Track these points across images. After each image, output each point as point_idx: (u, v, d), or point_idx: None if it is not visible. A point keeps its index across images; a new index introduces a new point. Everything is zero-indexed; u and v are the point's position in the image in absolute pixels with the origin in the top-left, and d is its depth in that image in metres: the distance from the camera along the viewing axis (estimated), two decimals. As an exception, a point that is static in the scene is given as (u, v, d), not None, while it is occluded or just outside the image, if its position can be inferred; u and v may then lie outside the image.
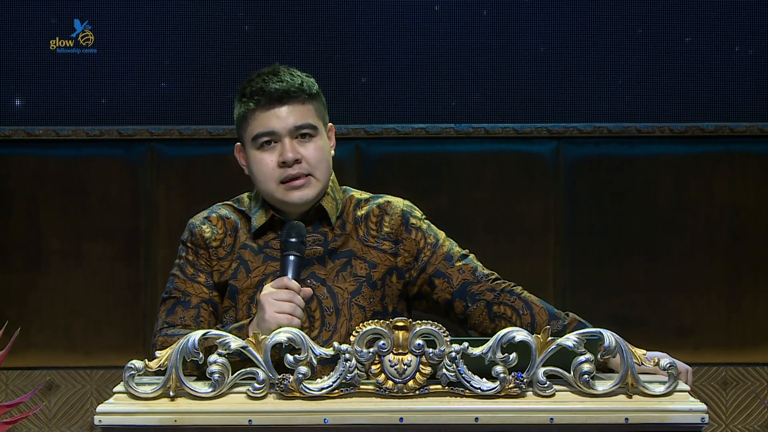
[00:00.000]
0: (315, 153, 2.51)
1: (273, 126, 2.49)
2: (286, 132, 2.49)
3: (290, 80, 2.52)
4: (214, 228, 2.55)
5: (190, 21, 4.17)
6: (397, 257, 2.56)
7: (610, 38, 4.20)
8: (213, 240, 2.54)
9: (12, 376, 4.18)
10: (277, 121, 2.49)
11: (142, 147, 4.20)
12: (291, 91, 2.50)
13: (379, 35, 4.19)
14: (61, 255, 4.19)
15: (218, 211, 2.59)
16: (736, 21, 4.19)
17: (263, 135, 2.50)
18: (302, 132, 2.50)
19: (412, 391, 2.00)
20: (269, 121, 2.49)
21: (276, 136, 2.50)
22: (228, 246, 2.54)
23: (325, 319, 2.50)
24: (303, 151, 2.50)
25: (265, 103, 2.50)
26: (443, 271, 2.55)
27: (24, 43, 4.15)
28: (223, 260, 2.54)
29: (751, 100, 4.21)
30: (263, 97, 2.50)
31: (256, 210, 2.57)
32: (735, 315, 4.23)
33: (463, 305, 2.54)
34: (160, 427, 1.99)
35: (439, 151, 4.22)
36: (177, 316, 2.51)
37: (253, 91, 2.51)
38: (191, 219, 2.60)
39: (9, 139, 4.16)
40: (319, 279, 2.52)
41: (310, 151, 2.50)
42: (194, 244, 2.55)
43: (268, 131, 2.49)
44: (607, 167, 4.23)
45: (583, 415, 1.99)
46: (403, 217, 2.57)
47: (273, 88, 2.50)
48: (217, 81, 4.18)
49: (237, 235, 2.55)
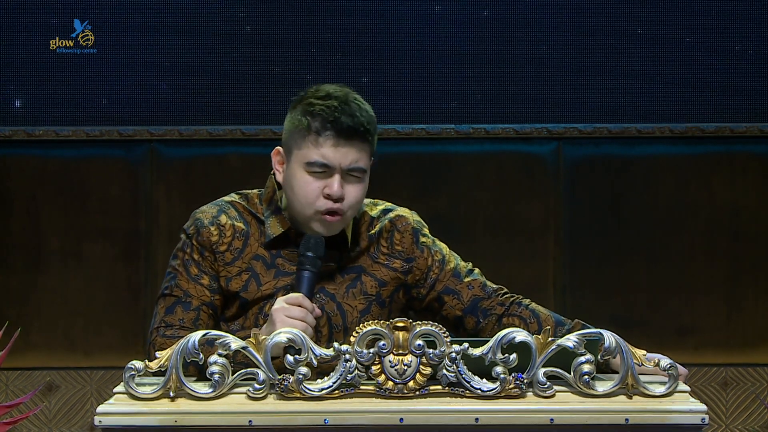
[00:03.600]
0: (356, 194, 2.47)
1: (331, 160, 2.44)
2: (340, 169, 2.45)
3: (360, 116, 2.46)
4: (222, 230, 2.50)
5: (190, 21, 4.17)
6: (408, 275, 2.56)
7: (609, 38, 4.20)
8: (220, 244, 2.50)
9: (12, 377, 4.18)
10: (335, 157, 2.44)
11: (142, 147, 4.20)
12: (359, 131, 2.45)
13: (379, 35, 4.19)
14: (61, 255, 4.19)
15: (228, 212, 2.53)
16: (736, 21, 4.19)
17: (318, 164, 2.45)
18: (353, 174, 2.47)
19: (413, 391, 2.00)
20: (329, 154, 2.44)
21: (330, 169, 2.45)
22: (236, 251, 2.50)
23: (332, 336, 2.49)
24: (348, 191, 2.46)
25: (332, 134, 2.44)
26: (453, 288, 2.55)
27: (24, 43, 4.15)
28: (230, 265, 2.50)
29: (751, 100, 4.21)
30: (332, 129, 2.44)
31: (268, 215, 2.53)
32: (735, 315, 4.23)
33: (475, 321, 2.54)
34: (160, 428, 1.99)
35: (439, 151, 4.22)
36: (176, 317, 2.47)
37: (324, 117, 2.45)
38: (199, 213, 2.54)
39: (9, 139, 4.16)
40: (329, 294, 2.51)
41: (354, 193, 2.47)
42: (200, 244, 2.50)
43: (325, 163, 2.45)
44: (607, 168, 4.23)
45: (583, 415, 1.99)
46: (414, 236, 2.57)
47: (345, 124, 2.44)
48: (217, 81, 4.18)
49: (247, 241, 2.51)
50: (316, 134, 2.45)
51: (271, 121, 4.16)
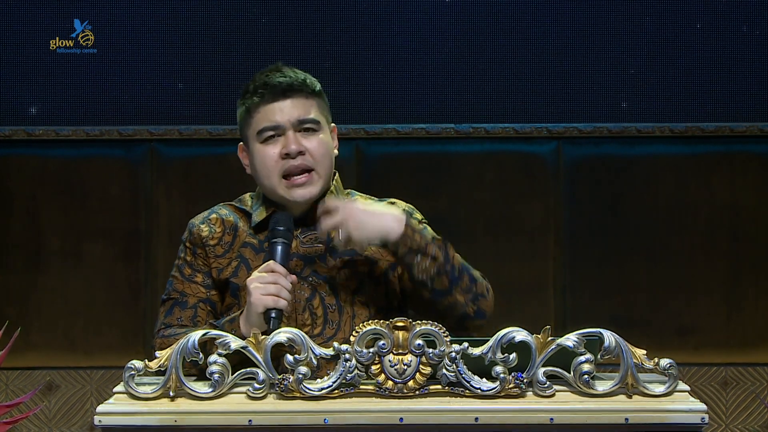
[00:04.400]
0: (318, 147, 2.50)
1: (277, 119, 2.49)
2: (289, 125, 2.49)
3: (293, 75, 2.52)
4: (212, 227, 2.55)
5: (190, 21, 4.17)
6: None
7: (610, 38, 4.20)
8: (210, 238, 2.54)
9: (12, 376, 4.18)
10: (281, 114, 2.49)
11: (142, 147, 4.20)
12: (295, 85, 2.51)
13: (379, 35, 4.19)
14: (61, 255, 4.19)
15: (218, 211, 2.59)
16: (736, 21, 4.19)
17: (267, 129, 2.50)
18: (306, 126, 2.50)
19: (412, 391, 2.00)
20: (273, 115, 2.49)
21: (280, 129, 2.49)
22: (226, 244, 2.54)
23: (327, 317, 2.50)
24: (306, 144, 2.49)
25: (269, 96, 2.50)
26: None
27: (24, 43, 4.15)
28: (221, 257, 2.54)
29: (751, 100, 4.21)
30: (267, 90, 2.50)
31: (257, 207, 2.57)
32: (735, 315, 4.23)
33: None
34: (160, 428, 1.99)
35: (439, 151, 4.22)
36: (174, 317, 2.51)
37: (257, 87, 2.51)
38: (192, 219, 2.60)
39: (9, 139, 4.16)
40: (321, 276, 2.52)
41: (313, 144, 2.50)
42: (192, 244, 2.55)
43: (272, 125, 2.49)
44: (607, 167, 4.23)
45: (583, 415, 1.99)
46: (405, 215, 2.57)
47: (277, 81, 2.50)
48: (217, 81, 4.18)
49: (237, 233, 2.55)
50: (257, 104, 2.51)
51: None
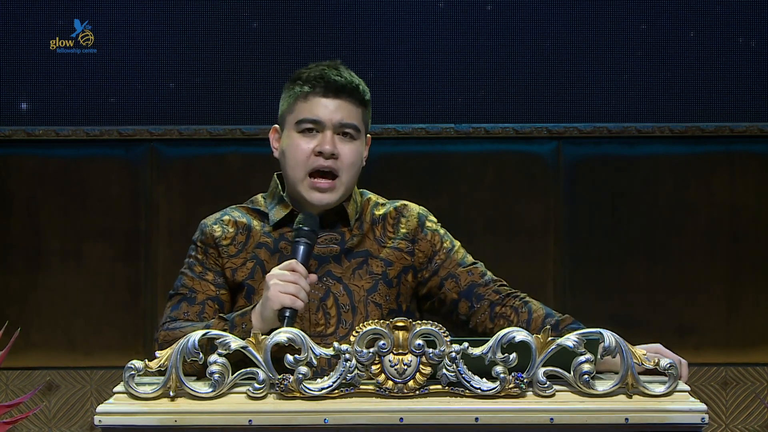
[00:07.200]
0: (350, 154, 2.50)
1: (321, 115, 2.48)
2: (330, 125, 2.48)
3: (349, 78, 2.52)
4: (225, 227, 2.54)
5: (190, 21, 4.17)
6: (413, 256, 2.56)
7: (610, 38, 4.20)
8: (223, 238, 2.53)
9: (12, 376, 4.18)
10: (325, 111, 2.49)
11: (142, 147, 4.20)
12: (348, 87, 2.50)
13: (379, 35, 4.19)
14: (61, 255, 4.19)
15: (231, 212, 2.59)
16: (736, 21, 4.19)
17: (308, 121, 2.49)
18: (345, 131, 2.50)
19: (412, 391, 2.00)
20: (318, 109, 2.49)
21: (320, 125, 2.49)
22: (239, 244, 2.53)
23: (341, 317, 2.50)
24: (341, 149, 2.49)
25: (320, 90, 2.49)
26: (453, 273, 2.56)
27: (24, 43, 4.15)
28: (234, 257, 2.53)
29: (751, 100, 4.21)
30: (320, 84, 2.49)
31: (272, 206, 2.56)
32: (735, 315, 4.23)
33: (468, 305, 2.55)
34: (160, 427, 1.98)
35: (439, 151, 4.22)
36: (181, 311, 2.50)
37: (312, 77, 2.50)
38: (204, 219, 2.59)
39: (9, 139, 4.16)
40: (335, 277, 2.52)
41: (347, 150, 2.49)
42: (204, 243, 2.54)
43: (314, 118, 2.49)
44: (607, 167, 4.23)
45: (583, 415, 1.99)
46: (419, 220, 2.58)
47: (333, 78, 2.49)
48: (217, 81, 4.18)
49: (250, 234, 2.54)
50: (306, 94, 2.49)
51: (271, 121, 4.13)
